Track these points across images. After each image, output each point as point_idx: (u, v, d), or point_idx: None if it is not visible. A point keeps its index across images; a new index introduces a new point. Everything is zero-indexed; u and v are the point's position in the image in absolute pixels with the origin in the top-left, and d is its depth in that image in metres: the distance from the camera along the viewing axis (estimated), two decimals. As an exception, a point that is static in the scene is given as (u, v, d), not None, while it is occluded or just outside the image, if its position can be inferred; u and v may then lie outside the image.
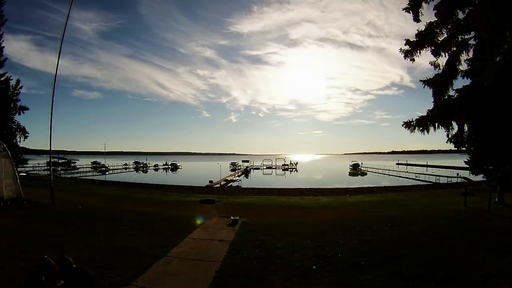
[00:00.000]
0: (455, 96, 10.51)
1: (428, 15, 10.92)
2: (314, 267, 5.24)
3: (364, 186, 29.84)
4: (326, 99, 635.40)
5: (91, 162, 66.82)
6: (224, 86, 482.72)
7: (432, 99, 11.16)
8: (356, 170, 56.52)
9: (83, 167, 59.52)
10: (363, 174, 52.02)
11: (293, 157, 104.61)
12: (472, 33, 10.14)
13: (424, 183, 34.90)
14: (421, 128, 10.79)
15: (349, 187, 29.09)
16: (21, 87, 25.17)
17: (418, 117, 10.86)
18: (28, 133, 25.72)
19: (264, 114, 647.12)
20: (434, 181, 36.32)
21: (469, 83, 10.23)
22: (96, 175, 47.66)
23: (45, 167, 45.99)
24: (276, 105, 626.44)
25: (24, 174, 28.46)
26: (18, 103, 24.84)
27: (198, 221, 9.18)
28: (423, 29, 10.79)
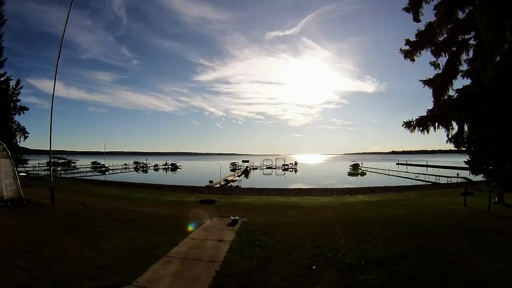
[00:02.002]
0: (455, 96, 10.50)
1: (428, 15, 10.93)
2: (314, 267, 5.24)
3: (364, 186, 29.85)
4: (283, 111, 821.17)
5: (91, 162, 66.83)
6: (201, 106, 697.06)
7: (432, 99, 11.17)
8: (356, 170, 56.46)
9: (83, 167, 59.52)
10: (363, 174, 51.98)
11: (297, 158, 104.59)
12: (472, 33, 10.14)
13: (424, 183, 34.92)
14: (421, 128, 10.79)
15: (349, 187, 29.12)
16: (21, 87, 25.22)
17: (418, 117, 10.85)
18: (28, 133, 25.78)
19: (242, 122, 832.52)
20: (434, 181, 36.34)
21: (469, 83, 10.23)
22: (96, 175, 47.69)
23: (45, 167, 46.02)
24: (248, 115, 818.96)
25: (24, 174, 28.47)
26: (18, 103, 24.89)
27: (198, 221, 9.18)
28: (423, 29, 10.79)
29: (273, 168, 69.44)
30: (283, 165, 69.93)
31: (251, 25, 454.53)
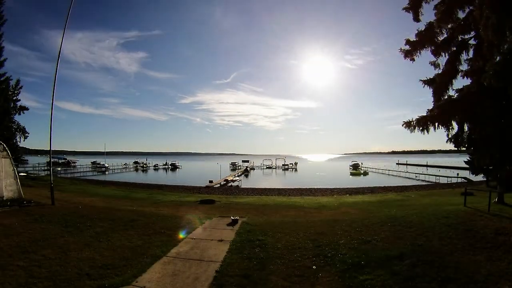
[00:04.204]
0: (455, 96, 10.50)
1: (428, 15, 10.91)
2: (314, 267, 5.25)
3: (364, 186, 29.84)
4: (254, 120, 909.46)
5: (91, 162, 66.86)
6: (188, 118, 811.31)
7: (432, 99, 11.18)
8: (357, 170, 56.47)
9: (83, 167, 59.53)
10: (365, 173, 51.91)
11: (293, 159, 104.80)
12: (472, 33, 10.13)
13: (424, 183, 34.93)
14: (421, 128, 10.75)
15: (349, 187, 29.11)
16: (21, 87, 25.23)
17: (418, 117, 10.83)
18: (28, 133, 25.84)
19: (228, 128, 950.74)
20: (434, 181, 36.35)
21: (469, 83, 10.22)
22: (96, 175, 47.68)
23: (45, 167, 46.04)
24: (230, 123, 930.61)
25: (24, 174, 28.47)
26: (18, 103, 24.89)
27: (198, 221, 9.19)
28: (423, 29, 10.79)
29: (273, 168, 69.54)
30: (283, 165, 70.04)
31: (200, 79, 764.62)
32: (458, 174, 36.33)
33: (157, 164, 72.29)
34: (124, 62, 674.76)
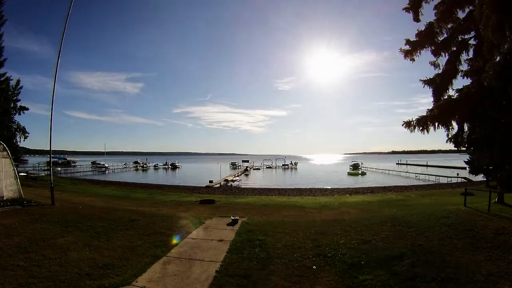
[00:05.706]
0: (455, 96, 10.49)
1: (428, 15, 10.92)
2: (314, 267, 5.25)
3: (364, 186, 29.85)
4: (240, 124, 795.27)
5: (91, 162, 66.87)
6: (181, 123, 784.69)
7: (432, 99, 11.18)
8: (356, 170, 56.42)
9: (83, 167, 59.52)
10: (363, 174, 51.90)
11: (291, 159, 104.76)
12: (472, 33, 10.13)
13: (424, 183, 34.92)
14: (421, 128, 10.75)
15: (349, 187, 29.12)
16: (21, 87, 25.22)
17: (418, 117, 10.83)
18: (28, 133, 25.85)
19: (219, 132, 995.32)
20: (434, 181, 36.36)
21: (469, 83, 10.22)
22: (96, 175, 47.68)
23: (45, 167, 46.04)
24: (220, 127, 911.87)
25: (24, 174, 28.47)
26: (18, 103, 24.88)
27: (198, 221, 9.19)
28: (423, 29, 10.79)
29: (273, 168, 69.61)
30: (283, 165, 70.13)
31: (184, 97, 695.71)
32: (458, 174, 36.32)
33: (157, 164, 72.29)
34: (129, 87, 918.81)
